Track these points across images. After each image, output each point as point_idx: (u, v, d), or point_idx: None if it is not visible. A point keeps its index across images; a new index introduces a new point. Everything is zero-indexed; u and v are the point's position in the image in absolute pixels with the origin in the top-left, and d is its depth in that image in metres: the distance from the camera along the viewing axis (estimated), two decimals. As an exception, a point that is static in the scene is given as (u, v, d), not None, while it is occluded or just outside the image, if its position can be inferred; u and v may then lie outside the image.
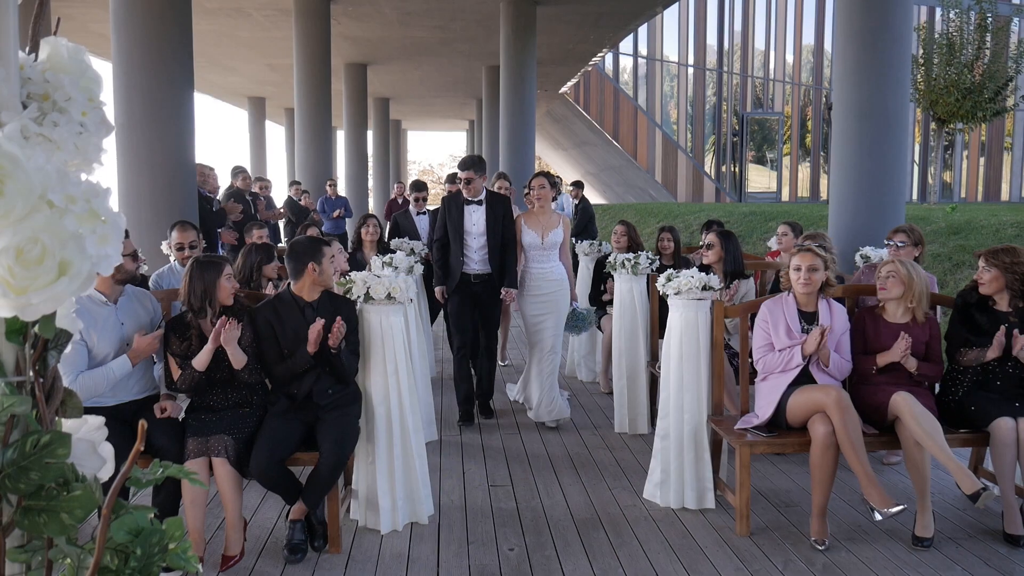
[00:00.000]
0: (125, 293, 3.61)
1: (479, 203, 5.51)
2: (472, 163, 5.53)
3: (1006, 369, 3.90)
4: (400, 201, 15.82)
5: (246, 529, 3.57)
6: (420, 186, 7.84)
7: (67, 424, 0.88)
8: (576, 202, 11.78)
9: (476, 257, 5.50)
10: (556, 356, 5.55)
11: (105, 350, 3.45)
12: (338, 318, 3.55)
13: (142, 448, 0.78)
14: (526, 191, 6.51)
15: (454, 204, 5.54)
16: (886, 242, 4.98)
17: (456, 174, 6.52)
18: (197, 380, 3.50)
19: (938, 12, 26.57)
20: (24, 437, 0.80)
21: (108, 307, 3.50)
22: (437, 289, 5.61)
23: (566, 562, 3.49)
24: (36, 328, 0.82)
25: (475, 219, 5.50)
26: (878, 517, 3.49)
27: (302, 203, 11.76)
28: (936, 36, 20.13)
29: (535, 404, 5.55)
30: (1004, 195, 33.51)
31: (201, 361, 3.47)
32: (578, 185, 12.23)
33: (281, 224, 11.58)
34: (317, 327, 3.52)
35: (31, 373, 0.84)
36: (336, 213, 12.38)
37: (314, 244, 3.73)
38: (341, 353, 3.60)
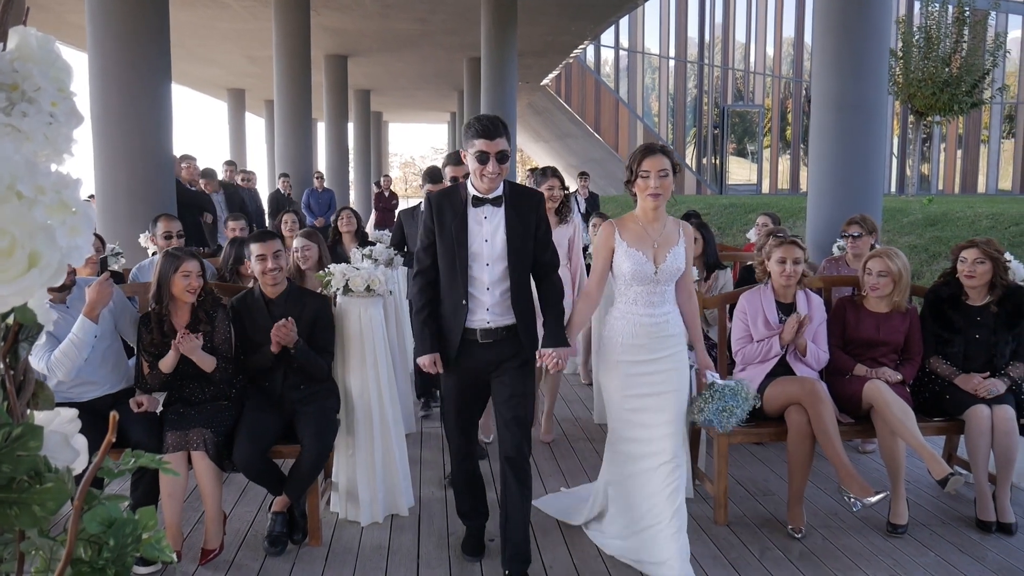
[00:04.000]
0: (73, 291, 3.55)
1: (495, 203, 3.11)
2: (504, 127, 3.06)
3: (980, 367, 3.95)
4: (387, 195, 15.70)
5: (226, 523, 3.56)
6: (436, 176, 4.86)
7: (39, 416, 0.88)
8: (585, 196, 10.84)
9: (488, 300, 3.10)
10: (682, 469, 3.14)
11: None
12: (288, 318, 3.51)
13: (114, 439, 0.78)
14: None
15: (448, 205, 3.13)
16: (842, 233, 5.03)
17: (455, 160, 4.46)
18: (165, 380, 3.51)
19: (916, 5, 26.84)
20: (-6, 429, 0.80)
21: (58, 308, 3.46)
22: (425, 359, 3.17)
23: (545, 552, 3.51)
24: (13, 316, 0.82)
25: (488, 230, 3.10)
26: (857, 507, 3.50)
27: (288, 195, 11.68)
28: (915, 29, 20.31)
29: (655, 561, 3.12)
30: (980, 187, 33.92)
31: (167, 364, 3.47)
32: (584, 176, 11.30)
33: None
34: (277, 332, 3.49)
35: (2, 365, 0.83)
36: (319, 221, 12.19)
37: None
38: (299, 352, 3.55)
